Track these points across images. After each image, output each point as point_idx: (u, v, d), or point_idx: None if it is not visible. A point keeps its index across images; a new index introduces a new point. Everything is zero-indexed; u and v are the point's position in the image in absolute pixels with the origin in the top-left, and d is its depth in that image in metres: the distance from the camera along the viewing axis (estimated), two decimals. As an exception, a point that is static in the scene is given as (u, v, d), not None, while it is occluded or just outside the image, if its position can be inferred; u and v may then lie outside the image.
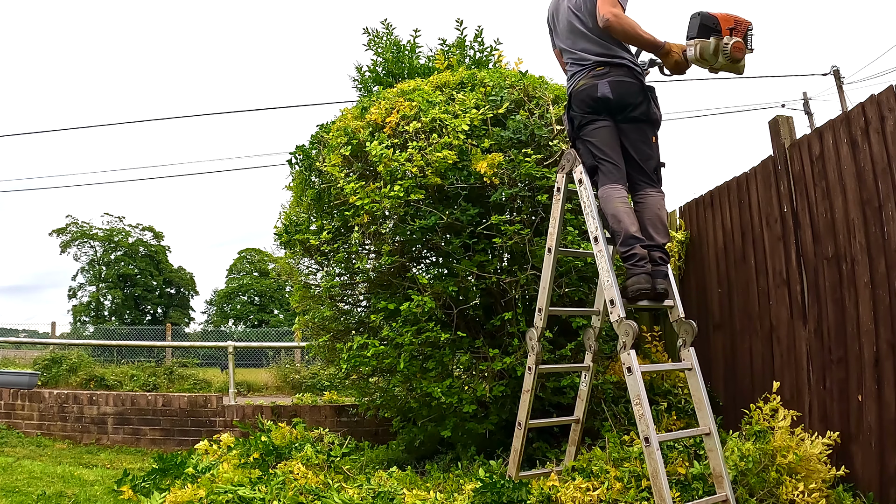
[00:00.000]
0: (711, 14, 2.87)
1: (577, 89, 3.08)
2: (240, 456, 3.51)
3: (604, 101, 2.99)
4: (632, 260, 2.77)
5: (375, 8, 58.73)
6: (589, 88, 3.02)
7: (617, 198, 2.88)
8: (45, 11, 60.96)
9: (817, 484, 2.71)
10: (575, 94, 3.09)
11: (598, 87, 3.00)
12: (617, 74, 3.02)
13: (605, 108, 3.00)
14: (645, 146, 3.06)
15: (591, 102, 3.02)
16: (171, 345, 12.63)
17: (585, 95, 3.03)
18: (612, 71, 3.03)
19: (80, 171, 70.61)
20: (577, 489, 2.81)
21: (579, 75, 3.11)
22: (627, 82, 3.02)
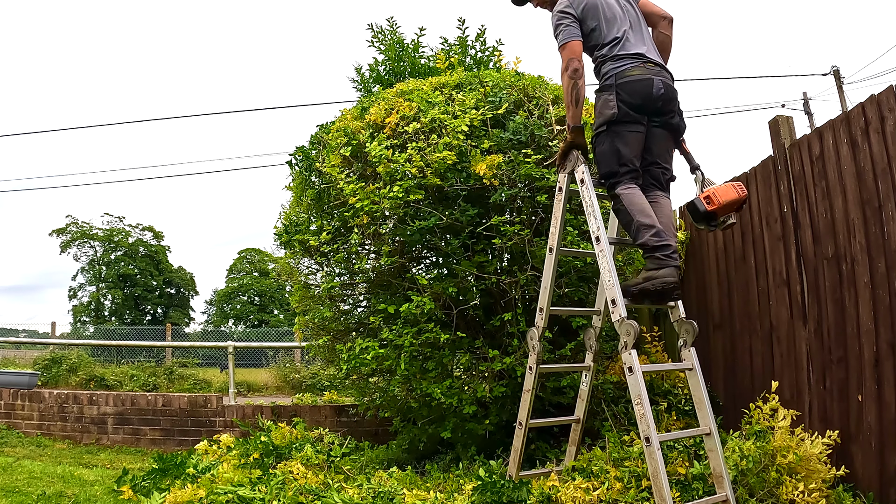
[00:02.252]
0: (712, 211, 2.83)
1: (630, 78, 2.89)
2: (240, 456, 3.51)
3: (656, 99, 2.87)
4: (666, 251, 2.71)
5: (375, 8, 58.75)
6: (646, 81, 2.87)
7: (640, 197, 2.85)
8: (45, 11, 60.96)
9: (817, 484, 2.71)
10: (626, 84, 2.88)
11: (654, 82, 2.88)
12: (666, 76, 2.95)
13: (651, 109, 2.90)
14: (669, 156, 3.05)
15: (644, 96, 2.87)
16: (171, 345, 12.64)
17: (642, 87, 2.87)
18: (662, 71, 2.96)
19: (80, 171, 70.68)
20: (577, 489, 2.81)
21: (630, 64, 2.92)
22: (672, 87, 2.96)
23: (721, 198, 2.81)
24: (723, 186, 2.86)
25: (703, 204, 2.84)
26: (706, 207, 2.82)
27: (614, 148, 2.89)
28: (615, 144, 2.89)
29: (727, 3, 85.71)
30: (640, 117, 2.89)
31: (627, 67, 2.91)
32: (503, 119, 3.91)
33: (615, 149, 2.89)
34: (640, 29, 3.06)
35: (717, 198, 2.82)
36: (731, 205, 2.83)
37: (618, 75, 2.91)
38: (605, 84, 2.96)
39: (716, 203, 2.81)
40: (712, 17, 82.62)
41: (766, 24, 74.46)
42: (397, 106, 3.95)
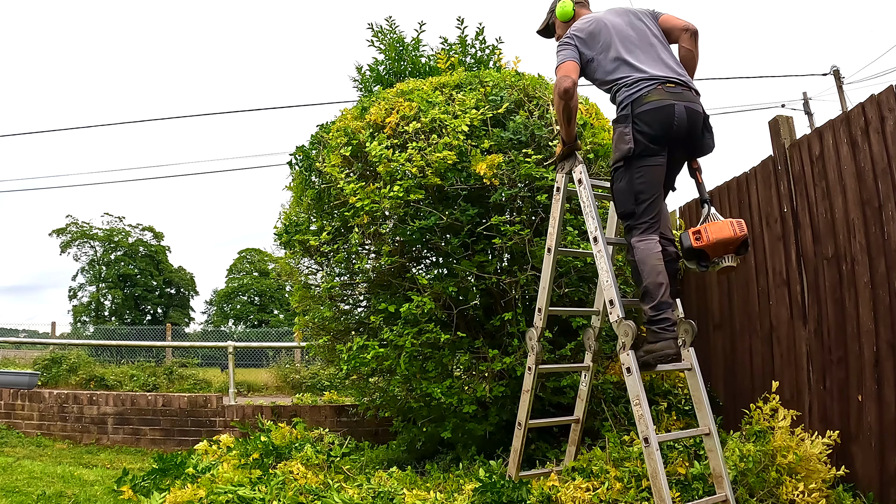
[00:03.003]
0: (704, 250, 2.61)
1: (647, 105, 2.62)
2: (240, 456, 3.51)
3: (679, 126, 2.61)
4: (662, 324, 2.54)
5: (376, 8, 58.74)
6: (666, 107, 2.60)
7: (655, 253, 2.61)
8: (45, 11, 60.96)
9: (817, 484, 2.71)
10: (644, 113, 2.62)
11: (675, 108, 2.60)
12: (690, 98, 2.67)
13: (673, 137, 2.65)
14: (676, 174, 2.88)
15: (664, 125, 2.60)
16: (171, 345, 12.63)
17: (662, 116, 2.60)
18: (685, 92, 2.67)
19: (80, 171, 70.66)
20: (577, 489, 2.81)
21: (646, 87, 2.65)
22: (696, 110, 2.68)
23: (711, 235, 2.54)
24: (718, 223, 2.59)
25: (690, 239, 2.60)
26: (693, 243, 2.58)
27: (632, 186, 2.67)
28: (633, 182, 2.67)
29: (727, 3, 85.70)
30: (661, 148, 2.65)
31: (644, 93, 2.65)
32: (503, 119, 3.91)
33: (633, 187, 2.67)
34: (659, 48, 2.82)
35: (707, 234, 2.55)
36: (724, 244, 2.54)
37: (634, 103, 2.66)
38: (620, 114, 2.72)
39: (705, 240, 2.55)
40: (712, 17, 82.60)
41: (766, 24, 74.47)
42: (397, 106, 3.95)
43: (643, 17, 2.93)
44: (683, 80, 2.71)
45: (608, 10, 3.00)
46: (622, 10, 2.96)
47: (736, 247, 2.57)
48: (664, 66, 2.74)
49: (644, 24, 2.89)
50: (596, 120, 4.06)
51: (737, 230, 2.54)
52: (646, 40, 2.83)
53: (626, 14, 2.92)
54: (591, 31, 2.87)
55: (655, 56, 2.77)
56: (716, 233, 2.55)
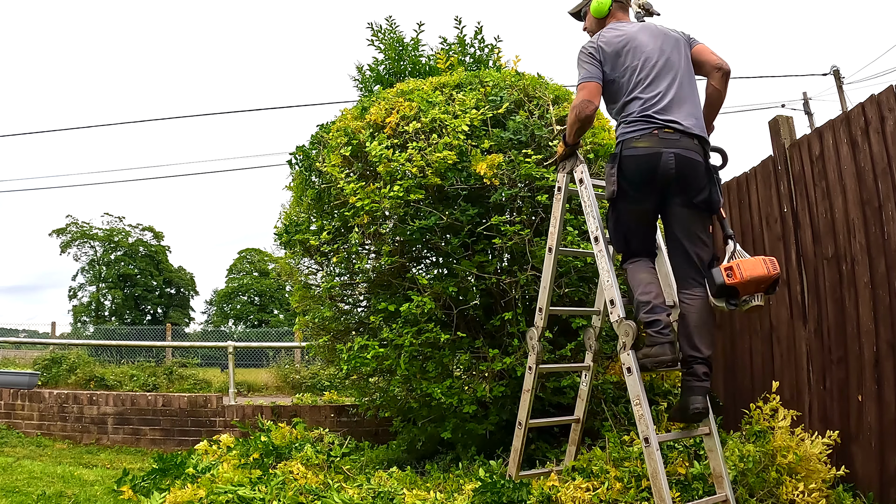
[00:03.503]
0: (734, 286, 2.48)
1: (633, 151, 2.56)
2: (240, 456, 3.51)
3: (664, 177, 2.53)
4: (655, 327, 2.47)
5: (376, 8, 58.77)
6: (650, 155, 2.52)
7: (644, 270, 2.63)
8: (45, 11, 60.97)
9: (817, 484, 2.71)
10: (628, 158, 2.57)
11: (662, 157, 2.51)
12: (686, 146, 2.54)
13: (661, 188, 2.57)
14: (703, 235, 2.65)
15: (647, 174, 2.54)
16: (171, 345, 12.64)
17: (645, 163, 2.54)
18: (682, 140, 2.55)
19: (80, 171, 70.64)
20: (577, 489, 2.81)
21: (638, 131, 2.58)
22: (692, 161, 2.55)
23: (745, 272, 2.45)
24: (751, 260, 2.50)
25: (722, 275, 2.49)
26: (725, 280, 2.48)
27: (619, 226, 2.71)
28: (619, 222, 2.70)
29: (727, 3, 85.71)
30: (646, 195, 2.60)
31: (635, 136, 2.58)
32: (503, 119, 3.91)
33: (619, 227, 2.71)
34: (680, 84, 2.66)
35: (741, 271, 2.45)
36: (756, 282, 2.46)
37: (623, 143, 2.60)
38: (614, 151, 2.68)
39: (738, 277, 2.45)
40: (712, 17, 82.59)
41: (766, 24, 74.50)
42: (397, 106, 3.95)
43: (677, 43, 2.75)
44: (684, 127, 2.55)
45: (643, 26, 2.81)
46: (658, 31, 2.78)
47: (768, 285, 2.50)
48: (676, 106, 2.60)
49: (676, 52, 2.72)
50: (596, 120, 4.05)
51: (770, 268, 2.46)
52: (670, 72, 2.66)
53: (660, 37, 2.75)
54: (620, 48, 2.72)
55: (673, 93, 2.62)
56: (749, 270, 2.46)
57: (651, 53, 2.68)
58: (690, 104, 2.64)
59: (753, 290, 2.48)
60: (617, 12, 2.97)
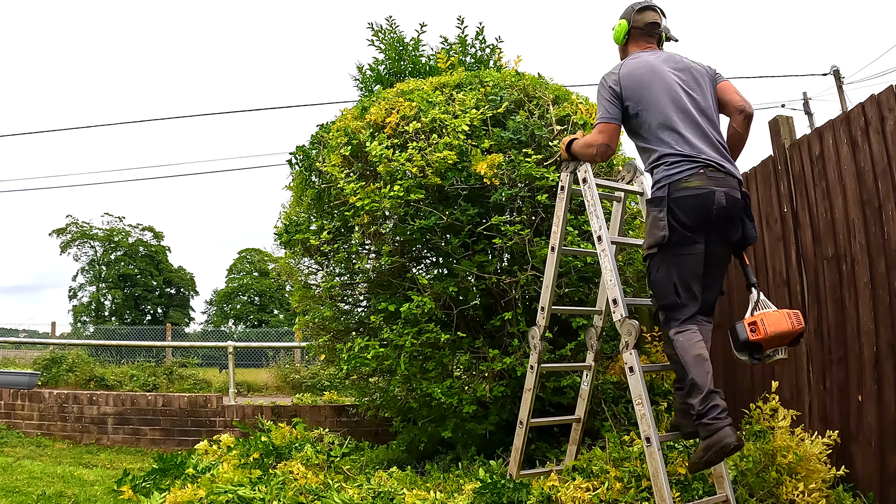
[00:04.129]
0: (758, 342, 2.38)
1: (685, 191, 2.43)
2: (240, 456, 3.51)
3: (717, 216, 2.43)
4: (713, 413, 2.30)
5: (376, 8, 58.77)
6: (705, 195, 2.41)
7: (696, 343, 2.43)
8: (45, 11, 60.96)
9: (817, 484, 2.71)
10: (681, 199, 2.43)
11: (716, 196, 2.41)
12: (731, 185, 2.47)
13: (712, 226, 2.47)
14: (721, 272, 2.63)
15: (703, 214, 2.42)
16: (171, 345, 12.64)
17: (700, 203, 2.41)
18: (727, 178, 2.47)
19: (80, 171, 70.72)
20: (577, 489, 2.81)
21: (687, 170, 2.45)
22: (737, 199, 2.48)
23: (769, 327, 2.35)
24: (775, 314, 2.39)
25: (745, 331, 2.40)
26: (749, 337, 2.38)
27: (670, 276, 2.49)
28: (671, 272, 2.48)
29: (727, 3, 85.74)
30: (699, 236, 2.47)
31: (684, 176, 2.45)
32: (503, 119, 3.91)
33: (671, 278, 2.49)
34: (708, 121, 2.57)
35: (765, 327, 2.36)
36: (780, 337, 2.37)
37: (672, 185, 2.46)
38: (655, 195, 2.52)
39: (761, 333, 2.36)
40: (713, 17, 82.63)
41: (766, 24, 74.51)
42: (398, 106, 3.95)
43: (702, 79, 2.65)
44: (725, 167, 2.49)
45: (668, 57, 2.69)
46: (683, 63, 2.67)
47: (792, 340, 2.41)
48: (710, 144, 2.51)
49: (700, 88, 2.62)
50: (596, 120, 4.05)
51: (794, 323, 2.36)
52: (698, 108, 2.57)
53: (686, 71, 2.63)
54: (641, 80, 2.62)
55: (703, 131, 2.53)
56: (773, 325, 2.35)
57: (679, 88, 2.57)
58: (721, 143, 2.56)
59: (777, 344, 2.40)
60: (639, 39, 2.82)
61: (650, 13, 2.83)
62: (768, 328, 2.35)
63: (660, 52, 2.77)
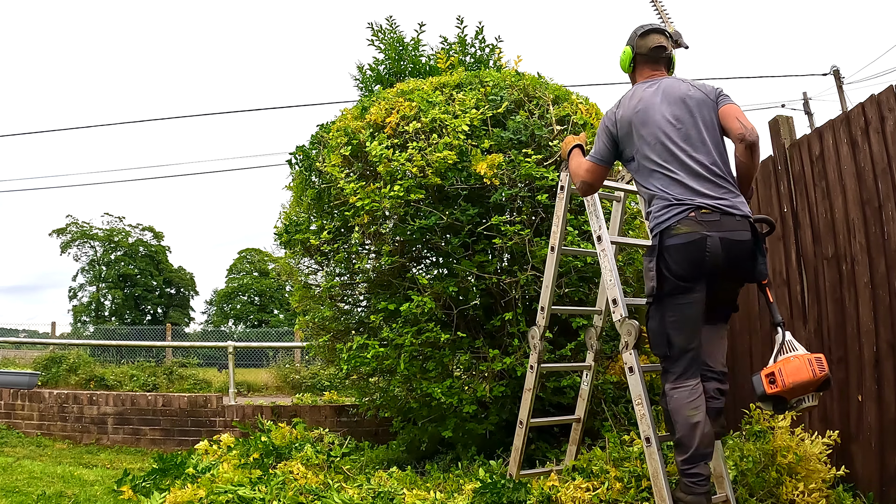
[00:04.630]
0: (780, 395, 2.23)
1: (676, 238, 2.31)
2: (240, 456, 3.51)
3: (712, 262, 2.28)
4: (694, 479, 2.28)
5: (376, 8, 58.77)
6: (696, 242, 2.27)
7: (689, 402, 2.33)
8: (45, 11, 60.97)
9: (817, 484, 2.71)
10: (672, 248, 2.32)
11: (707, 242, 2.27)
12: (730, 226, 2.30)
13: (709, 272, 2.31)
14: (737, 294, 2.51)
15: (696, 262, 2.29)
16: (171, 345, 12.64)
17: (694, 250, 2.28)
18: (724, 220, 2.30)
19: (80, 171, 70.73)
20: (577, 489, 2.81)
21: (677, 213, 2.33)
22: (738, 241, 2.31)
23: (788, 378, 2.19)
24: (795, 362, 2.21)
25: (763, 384, 2.24)
26: (767, 390, 2.23)
27: (664, 327, 2.39)
28: (665, 323, 2.39)
29: (727, 3, 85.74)
30: (695, 284, 2.33)
31: (673, 222, 2.33)
32: (503, 118, 3.91)
33: (664, 328, 2.39)
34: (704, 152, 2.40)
35: (783, 378, 2.20)
36: (802, 387, 2.20)
37: (662, 234, 2.36)
38: (650, 245, 2.43)
39: (780, 385, 2.20)
40: (712, 17, 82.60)
41: (766, 24, 74.53)
42: (398, 106, 3.95)
43: (699, 108, 2.46)
44: (721, 207, 2.31)
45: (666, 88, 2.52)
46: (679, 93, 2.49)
47: (816, 387, 2.23)
48: (704, 182, 2.36)
49: (694, 119, 2.45)
50: (596, 120, 4.06)
51: (816, 370, 2.19)
52: (691, 144, 2.41)
53: (679, 103, 2.46)
54: (634, 122, 2.51)
55: (694, 171, 2.37)
56: (792, 375, 2.19)
57: (670, 127, 2.44)
58: (722, 178, 2.39)
59: (801, 393, 2.23)
60: (644, 66, 2.67)
61: (654, 37, 2.66)
62: (787, 380, 2.19)
63: (661, 80, 2.58)
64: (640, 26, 2.71)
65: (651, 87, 2.56)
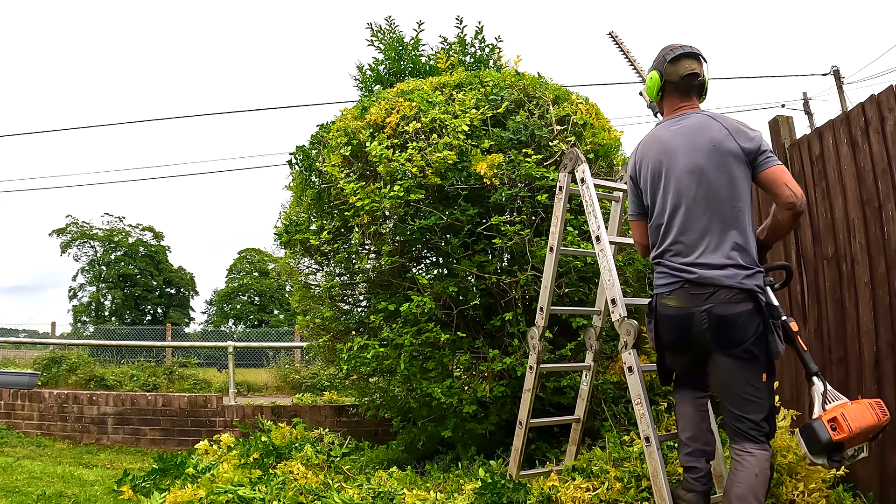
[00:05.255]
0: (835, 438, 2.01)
1: (664, 310, 2.29)
2: (240, 456, 3.51)
3: (700, 336, 2.19)
4: (691, 473, 2.31)
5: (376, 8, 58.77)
6: (681, 317, 2.22)
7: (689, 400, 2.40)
8: (45, 11, 60.97)
9: (817, 484, 2.71)
10: (661, 318, 2.31)
11: (693, 318, 2.19)
12: (722, 300, 2.15)
13: (700, 344, 2.23)
14: (749, 387, 2.15)
15: (681, 334, 2.25)
16: (171, 345, 12.63)
17: (678, 324, 2.25)
18: (716, 293, 2.16)
19: (80, 171, 70.70)
20: (577, 489, 2.81)
21: (668, 286, 2.28)
22: (733, 315, 2.14)
23: (854, 424, 1.99)
24: (856, 407, 2.03)
25: (826, 430, 2.01)
26: (832, 436, 2.00)
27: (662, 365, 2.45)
28: (663, 362, 2.44)
29: (727, 3, 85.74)
30: (683, 350, 2.32)
31: (664, 291, 2.29)
32: (503, 119, 3.91)
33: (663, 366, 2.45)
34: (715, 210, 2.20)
35: (849, 423, 1.99)
36: (865, 433, 2.02)
37: (657, 297, 2.34)
38: (650, 304, 2.41)
39: (846, 431, 1.99)
40: (712, 17, 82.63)
41: (766, 24, 74.52)
42: (398, 106, 3.95)
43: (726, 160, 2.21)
44: (716, 281, 2.16)
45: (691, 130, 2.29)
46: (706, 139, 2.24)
47: (876, 433, 2.07)
48: (711, 248, 2.20)
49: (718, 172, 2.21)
50: (596, 120, 4.06)
51: (880, 415, 2.03)
52: (706, 200, 2.22)
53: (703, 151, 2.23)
54: (650, 172, 2.37)
55: (700, 234, 2.22)
56: (858, 420, 2.00)
57: (686, 179, 2.25)
58: (730, 239, 2.19)
59: (861, 441, 2.05)
60: (673, 95, 2.41)
61: (686, 63, 2.36)
62: (853, 425, 1.99)
63: (685, 118, 2.35)
64: (671, 49, 2.40)
65: (674, 126, 2.35)
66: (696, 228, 2.23)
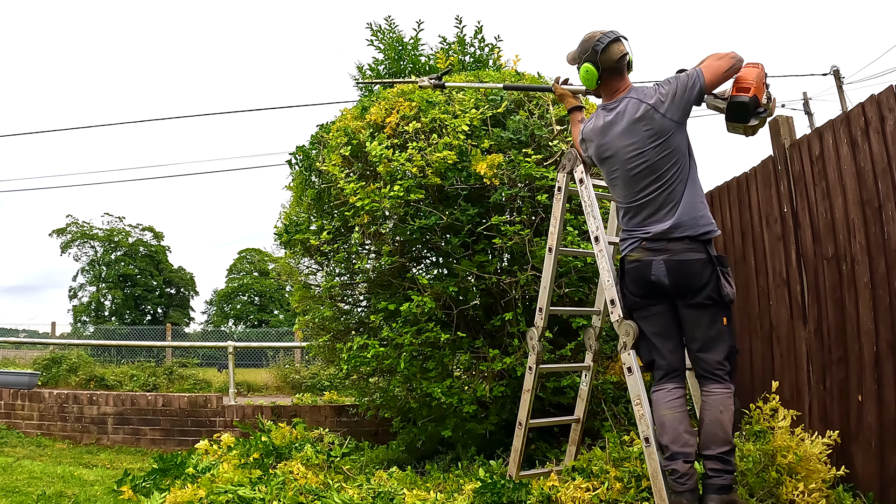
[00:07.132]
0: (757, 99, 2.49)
1: (628, 264, 2.58)
2: (240, 456, 3.51)
3: (659, 284, 2.47)
4: (672, 476, 2.39)
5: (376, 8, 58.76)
6: (641, 266, 2.51)
7: (664, 403, 2.47)
8: (45, 11, 60.96)
9: (817, 484, 2.71)
10: (627, 271, 2.58)
11: (652, 266, 2.47)
12: (676, 250, 2.45)
13: (662, 293, 2.49)
14: (710, 332, 2.47)
15: (643, 284, 2.51)
16: (171, 345, 12.64)
17: (636, 275, 2.53)
18: (670, 245, 2.46)
19: (80, 171, 70.78)
20: (577, 489, 2.81)
21: (628, 245, 2.60)
22: (689, 261, 2.44)
23: (749, 78, 2.50)
24: (741, 73, 2.53)
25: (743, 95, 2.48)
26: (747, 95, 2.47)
27: (643, 334, 2.58)
28: (642, 330, 2.58)
29: (727, 3, 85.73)
30: (652, 301, 2.53)
31: (626, 251, 2.60)
32: (503, 118, 3.91)
33: (643, 334, 2.58)
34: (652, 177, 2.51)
35: (747, 81, 2.49)
36: (760, 80, 2.49)
37: (622, 260, 2.64)
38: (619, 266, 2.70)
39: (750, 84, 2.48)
40: (712, 17, 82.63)
41: (766, 24, 74.50)
42: (398, 106, 3.95)
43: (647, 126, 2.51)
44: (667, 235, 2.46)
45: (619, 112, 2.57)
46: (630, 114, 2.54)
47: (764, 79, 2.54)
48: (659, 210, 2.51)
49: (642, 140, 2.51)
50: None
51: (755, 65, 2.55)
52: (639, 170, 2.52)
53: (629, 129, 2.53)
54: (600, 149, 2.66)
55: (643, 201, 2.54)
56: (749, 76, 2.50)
57: (624, 150, 2.55)
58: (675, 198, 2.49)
59: (762, 89, 2.50)
60: (611, 80, 2.64)
61: (615, 47, 2.59)
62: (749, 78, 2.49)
63: (616, 103, 2.60)
64: (596, 39, 2.59)
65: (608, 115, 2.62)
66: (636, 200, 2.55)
